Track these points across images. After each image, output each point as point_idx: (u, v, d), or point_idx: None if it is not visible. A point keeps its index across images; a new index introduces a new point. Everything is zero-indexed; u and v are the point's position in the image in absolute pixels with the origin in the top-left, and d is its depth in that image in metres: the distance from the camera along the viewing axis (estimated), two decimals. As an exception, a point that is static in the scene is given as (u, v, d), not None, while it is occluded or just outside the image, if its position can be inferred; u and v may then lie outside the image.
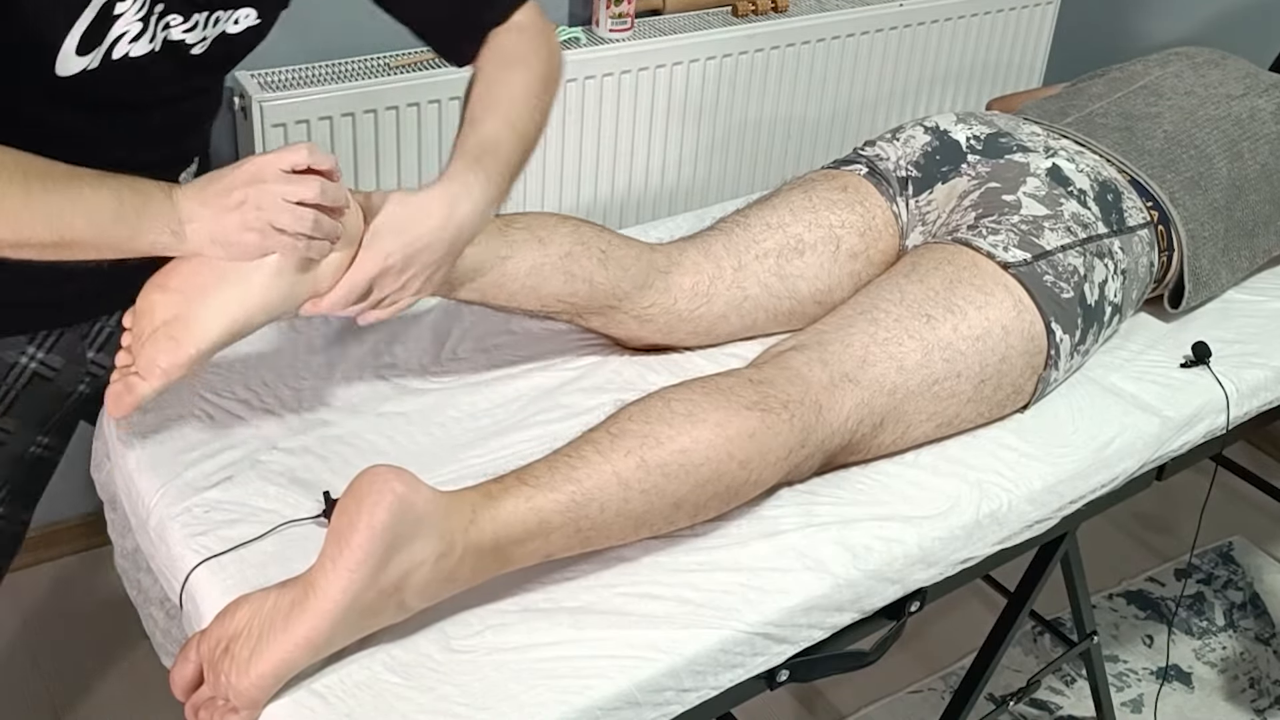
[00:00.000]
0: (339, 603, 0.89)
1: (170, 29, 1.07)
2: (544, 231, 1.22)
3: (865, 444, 1.19)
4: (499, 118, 1.14)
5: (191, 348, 1.01)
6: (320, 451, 1.18)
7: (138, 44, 1.04)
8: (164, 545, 1.08)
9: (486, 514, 0.97)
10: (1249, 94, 1.59)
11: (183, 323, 1.01)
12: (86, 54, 1.02)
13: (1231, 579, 2.22)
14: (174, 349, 1.01)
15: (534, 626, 1.00)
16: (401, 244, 1.06)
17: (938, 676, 1.97)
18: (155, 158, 1.16)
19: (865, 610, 1.11)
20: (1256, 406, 1.42)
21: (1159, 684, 1.98)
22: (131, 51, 1.05)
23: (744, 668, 1.04)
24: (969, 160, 1.43)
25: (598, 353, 1.35)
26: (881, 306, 1.24)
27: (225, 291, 1.01)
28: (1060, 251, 1.30)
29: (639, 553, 1.08)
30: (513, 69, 1.17)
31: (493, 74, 1.17)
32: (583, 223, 1.26)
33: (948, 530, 1.15)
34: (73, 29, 1.00)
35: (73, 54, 1.01)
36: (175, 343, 1.01)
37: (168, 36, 1.07)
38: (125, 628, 1.86)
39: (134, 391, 1.02)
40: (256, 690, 0.89)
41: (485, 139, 1.12)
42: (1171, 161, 1.48)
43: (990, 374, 1.23)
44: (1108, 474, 1.27)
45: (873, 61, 2.35)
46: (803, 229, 1.35)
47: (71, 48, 1.01)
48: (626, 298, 1.28)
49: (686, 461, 1.04)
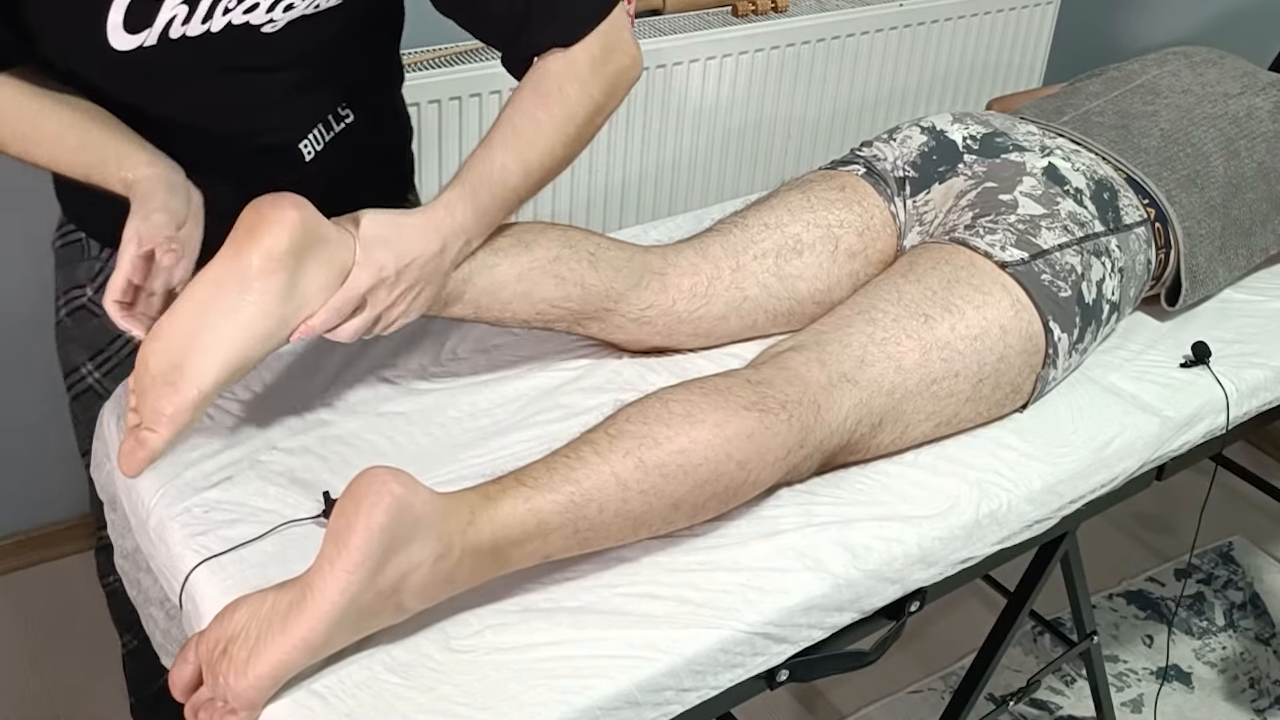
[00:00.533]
0: (336, 604, 0.89)
1: (231, 11, 1.08)
2: (530, 236, 1.22)
3: (864, 444, 1.19)
4: (511, 152, 1.13)
5: (192, 390, 1.01)
6: (320, 451, 1.18)
7: (190, 25, 1.07)
8: (164, 545, 1.08)
9: (485, 515, 0.97)
10: (1246, 92, 1.59)
11: (179, 369, 1.01)
12: (137, 33, 1.06)
13: (1231, 579, 2.22)
14: (174, 394, 1.01)
15: (534, 626, 1.00)
16: (394, 256, 1.07)
17: (938, 676, 1.97)
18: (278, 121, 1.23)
19: (865, 610, 1.11)
20: (1256, 406, 1.42)
21: (1159, 684, 1.98)
22: (188, 32, 1.08)
23: (744, 668, 1.04)
24: (965, 160, 1.43)
25: (597, 353, 1.35)
26: (879, 306, 1.24)
27: (217, 331, 1.02)
28: (1057, 250, 1.30)
29: (639, 553, 1.08)
30: (546, 102, 1.14)
31: (524, 101, 1.15)
32: (570, 227, 1.26)
33: (947, 530, 1.15)
34: (111, 7, 1.04)
35: (121, 31, 1.05)
36: (174, 388, 1.01)
37: (230, 20, 1.09)
38: (125, 628, 1.86)
39: (146, 445, 1.02)
40: (254, 692, 0.89)
41: (489, 172, 1.12)
42: (1168, 159, 1.48)
43: (988, 373, 1.23)
44: (1107, 474, 1.27)
45: (873, 61, 2.36)
46: (801, 229, 1.35)
47: (118, 22, 1.05)
48: (622, 299, 1.27)
49: (685, 462, 1.04)
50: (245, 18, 1.10)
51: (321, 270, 1.05)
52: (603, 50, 1.16)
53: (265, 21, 1.11)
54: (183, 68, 1.11)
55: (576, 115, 1.15)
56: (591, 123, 1.17)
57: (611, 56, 1.17)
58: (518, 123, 1.14)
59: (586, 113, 1.16)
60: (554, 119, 1.14)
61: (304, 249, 1.04)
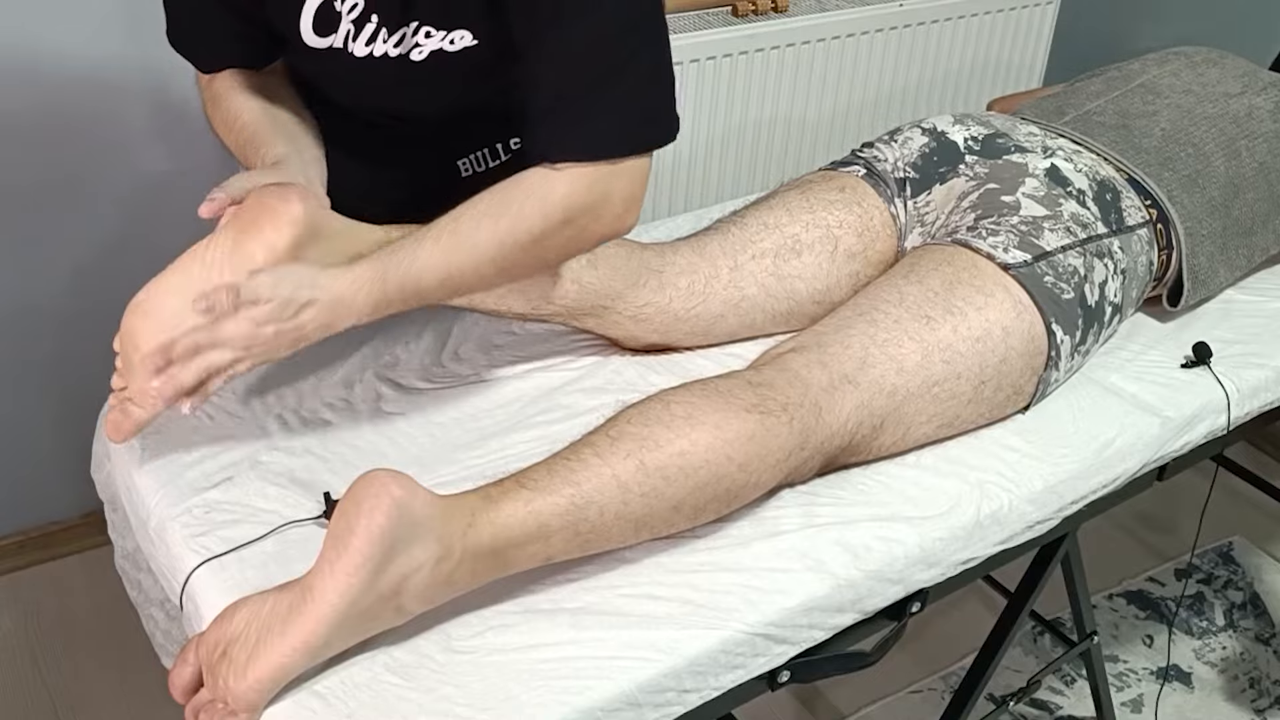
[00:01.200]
0: (336, 607, 0.89)
1: (385, 41, 1.14)
2: None
3: (865, 445, 1.18)
4: (440, 251, 1.04)
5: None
6: (320, 452, 1.18)
7: (357, 45, 1.15)
8: (164, 546, 1.08)
9: (485, 517, 0.97)
10: (1247, 92, 1.59)
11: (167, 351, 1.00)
12: (325, 36, 1.15)
13: (1231, 579, 2.22)
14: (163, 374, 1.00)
15: (535, 627, 1.00)
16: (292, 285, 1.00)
17: (938, 676, 1.97)
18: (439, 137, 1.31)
19: (866, 611, 1.11)
20: (1257, 407, 1.42)
21: (1159, 684, 1.98)
22: (355, 52, 1.16)
23: (745, 668, 1.04)
24: (967, 161, 1.43)
25: (598, 353, 1.35)
26: (880, 308, 1.24)
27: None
28: (1060, 252, 1.30)
29: (640, 554, 1.08)
30: (499, 211, 1.05)
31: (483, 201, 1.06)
32: None
33: (949, 531, 1.14)
34: (303, 10, 1.13)
35: (311, 32, 1.14)
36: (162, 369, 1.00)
37: (388, 51, 1.15)
38: (125, 628, 1.86)
39: (131, 418, 1.03)
40: (254, 694, 0.89)
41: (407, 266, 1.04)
42: (1169, 159, 1.48)
43: (990, 375, 1.23)
44: (1108, 474, 1.27)
45: (873, 61, 2.35)
46: (800, 229, 1.35)
47: (308, 25, 1.14)
48: (619, 297, 1.27)
49: (685, 464, 1.04)
50: (397, 50, 1.15)
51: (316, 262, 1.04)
52: (587, 191, 1.05)
53: (412, 48, 1.15)
54: (359, 74, 1.17)
55: (519, 236, 1.05)
56: (530, 251, 1.07)
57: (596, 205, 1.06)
58: (462, 222, 1.05)
59: (530, 237, 1.06)
60: (496, 232, 1.05)
61: (305, 244, 1.04)
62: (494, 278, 1.09)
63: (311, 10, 1.13)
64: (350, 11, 1.13)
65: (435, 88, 1.20)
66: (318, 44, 1.16)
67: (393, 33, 1.14)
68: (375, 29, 1.14)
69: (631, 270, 1.27)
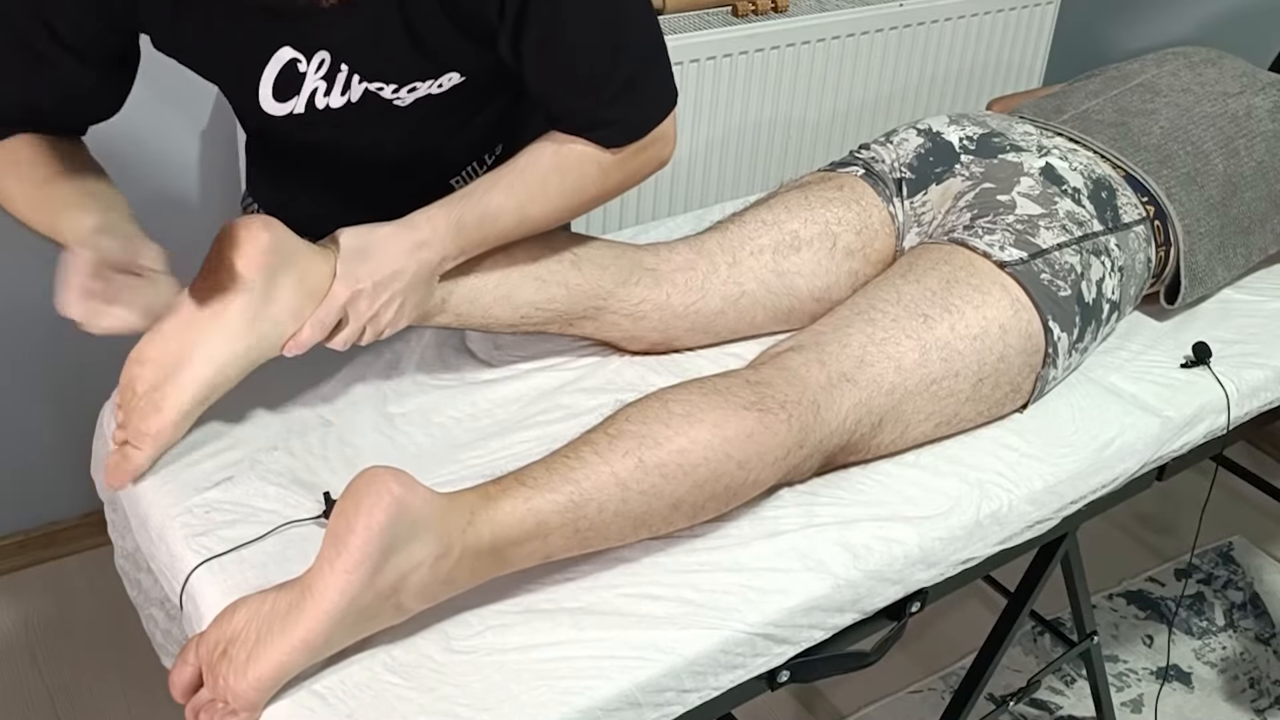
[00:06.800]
0: (336, 605, 0.89)
1: (360, 82, 1.13)
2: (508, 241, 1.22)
3: (864, 444, 1.19)
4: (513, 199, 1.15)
5: (173, 412, 1.09)
6: (320, 451, 1.18)
7: (330, 97, 1.13)
8: (164, 545, 1.08)
9: (484, 515, 0.97)
10: (1245, 92, 1.59)
11: (162, 391, 1.08)
12: (285, 101, 1.13)
13: (1231, 579, 2.22)
14: (157, 415, 1.09)
15: (535, 627, 1.00)
16: (370, 269, 1.10)
17: (938, 676, 1.97)
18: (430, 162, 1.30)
19: (866, 611, 1.11)
20: (1257, 407, 1.42)
21: (1159, 684, 1.98)
22: (330, 103, 1.14)
23: (745, 668, 1.04)
24: (962, 160, 1.43)
25: (599, 353, 1.35)
26: (879, 307, 1.24)
27: (195, 353, 1.08)
28: (1056, 250, 1.30)
29: (639, 553, 1.08)
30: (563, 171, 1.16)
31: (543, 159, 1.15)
32: (554, 231, 1.26)
33: (948, 530, 1.15)
34: (261, 80, 1.11)
35: (271, 100, 1.13)
36: (157, 409, 1.09)
37: (366, 87, 1.14)
38: (125, 628, 1.86)
39: (130, 461, 1.11)
40: (254, 693, 0.89)
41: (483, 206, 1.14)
42: (1167, 157, 1.48)
43: (988, 373, 1.23)
44: (1108, 474, 1.27)
45: (873, 61, 2.35)
46: (799, 225, 1.36)
47: (268, 94, 1.12)
48: (612, 296, 1.27)
49: (684, 462, 1.04)
50: (377, 88, 1.14)
51: (292, 288, 1.09)
52: (637, 146, 1.17)
53: (394, 98, 1.15)
54: (333, 127, 1.17)
55: (587, 192, 1.18)
56: (597, 202, 1.20)
57: (644, 152, 1.18)
58: (529, 177, 1.15)
59: (597, 193, 1.19)
60: (564, 189, 1.16)
61: (275, 269, 1.07)
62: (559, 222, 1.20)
63: (272, 76, 1.11)
64: (318, 70, 1.11)
65: (424, 119, 1.20)
66: (278, 110, 1.14)
67: (367, 79, 1.13)
68: (348, 75, 1.12)
69: (621, 268, 1.28)
